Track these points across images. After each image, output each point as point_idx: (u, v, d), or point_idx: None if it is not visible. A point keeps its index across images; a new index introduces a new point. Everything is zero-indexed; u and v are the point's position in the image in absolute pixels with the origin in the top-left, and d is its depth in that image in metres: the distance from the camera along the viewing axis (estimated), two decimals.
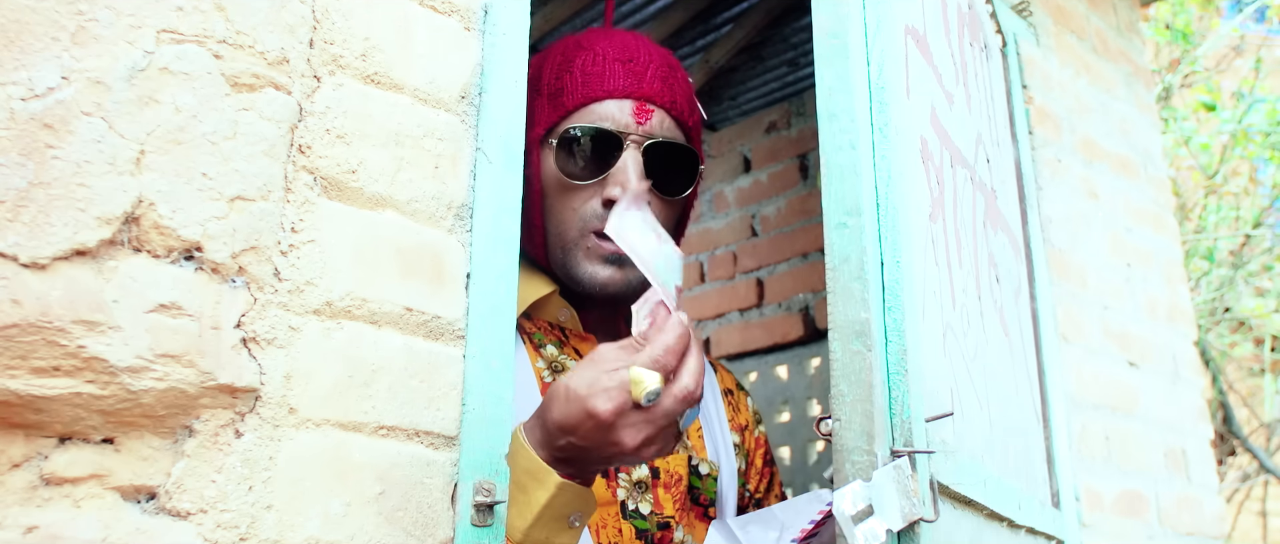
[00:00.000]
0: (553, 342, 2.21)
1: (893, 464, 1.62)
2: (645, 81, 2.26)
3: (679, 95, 2.30)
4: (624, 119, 2.21)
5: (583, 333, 2.28)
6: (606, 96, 2.23)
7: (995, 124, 2.88)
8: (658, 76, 2.28)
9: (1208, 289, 9.02)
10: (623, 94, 2.23)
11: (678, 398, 1.74)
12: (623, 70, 2.26)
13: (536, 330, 2.21)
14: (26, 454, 1.17)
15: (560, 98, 2.23)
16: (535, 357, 2.15)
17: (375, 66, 1.51)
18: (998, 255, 2.59)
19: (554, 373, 2.15)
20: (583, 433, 1.73)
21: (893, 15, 1.93)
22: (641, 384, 1.70)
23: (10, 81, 1.15)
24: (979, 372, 2.17)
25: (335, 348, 1.39)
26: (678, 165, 2.27)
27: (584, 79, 2.24)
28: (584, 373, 1.75)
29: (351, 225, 1.44)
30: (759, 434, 2.53)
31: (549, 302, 2.24)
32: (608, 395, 1.71)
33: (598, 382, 1.72)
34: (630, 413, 1.72)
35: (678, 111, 2.28)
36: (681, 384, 1.75)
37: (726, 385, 2.56)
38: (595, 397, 1.71)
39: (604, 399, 1.71)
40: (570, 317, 2.26)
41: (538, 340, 2.19)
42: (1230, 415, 8.50)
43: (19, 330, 1.12)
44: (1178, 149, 9.60)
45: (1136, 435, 3.64)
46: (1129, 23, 4.60)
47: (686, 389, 1.75)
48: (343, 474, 1.38)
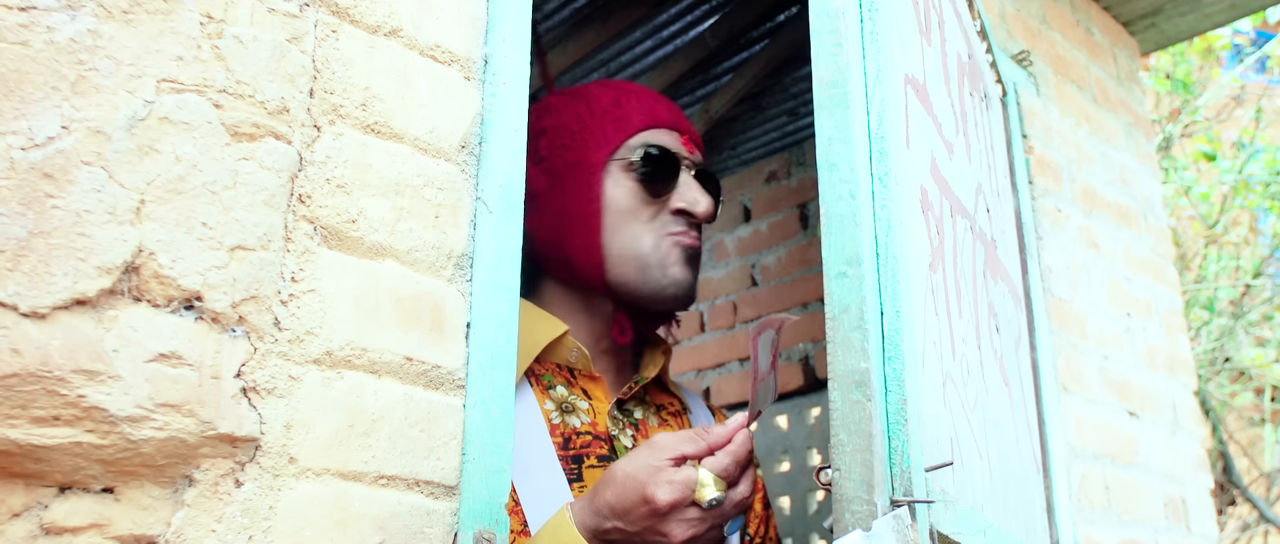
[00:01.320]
0: (562, 382, 2.22)
1: (892, 514, 1.61)
2: (682, 120, 2.41)
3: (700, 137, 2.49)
4: (678, 146, 2.35)
5: (592, 373, 2.29)
6: (660, 125, 2.35)
7: (995, 173, 2.88)
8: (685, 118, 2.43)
9: (1208, 339, 9.01)
10: (670, 125, 2.37)
11: (734, 502, 1.84)
12: (664, 107, 2.40)
13: (545, 372, 2.22)
14: (26, 503, 1.17)
15: (622, 122, 2.32)
16: (543, 398, 2.16)
17: (375, 116, 1.52)
18: (998, 305, 2.59)
19: (563, 413, 2.16)
20: (633, 518, 1.79)
21: (893, 65, 1.93)
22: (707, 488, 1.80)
23: (10, 131, 1.15)
24: (979, 421, 2.16)
25: (335, 397, 1.39)
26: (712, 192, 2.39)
27: (641, 107, 2.36)
28: (641, 459, 1.82)
29: (351, 275, 1.44)
30: (758, 477, 2.52)
31: (560, 343, 2.26)
32: (671, 487, 1.78)
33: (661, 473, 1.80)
34: (687, 509, 1.80)
35: (702, 150, 2.43)
36: (741, 492, 1.85)
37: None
38: (657, 486, 1.78)
39: (666, 490, 1.78)
40: (580, 356, 2.27)
41: (547, 382, 2.20)
42: (1230, 465, 8.47)
43: (19, 380, 1.12)
44: (1178, 199, 9.60)
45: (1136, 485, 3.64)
46: (1129, 72, 4.61)
47: (743, 496, 1.85)
48: (343, 523, 1.37)
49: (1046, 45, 4.04)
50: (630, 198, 2.27)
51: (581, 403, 2.21)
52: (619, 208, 2.27)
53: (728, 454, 1.82)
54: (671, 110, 2.40)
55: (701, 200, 2.30)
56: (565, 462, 2.09)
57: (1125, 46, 4.71)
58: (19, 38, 1.17)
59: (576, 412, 2.17)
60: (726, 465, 1.81)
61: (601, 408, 2.23)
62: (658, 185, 2.28)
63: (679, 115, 2.40)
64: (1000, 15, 3.79)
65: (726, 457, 1.81)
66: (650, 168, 2.28)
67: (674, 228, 2.29)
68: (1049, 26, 4.11)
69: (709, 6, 4.27)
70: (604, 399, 2.26)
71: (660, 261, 2.26)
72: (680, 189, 2.31)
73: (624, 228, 2.27)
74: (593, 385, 2.27)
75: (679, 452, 1.81)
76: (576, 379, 2.26)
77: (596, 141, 2.30)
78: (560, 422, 2.15)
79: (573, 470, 2.09)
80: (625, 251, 2.26)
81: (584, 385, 2.26)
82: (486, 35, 1.71)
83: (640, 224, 2.27)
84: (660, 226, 2.28)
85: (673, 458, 1.80)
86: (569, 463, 2.10)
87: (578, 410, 2.18)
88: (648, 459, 1.81)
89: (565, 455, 2.10)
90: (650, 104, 2.37)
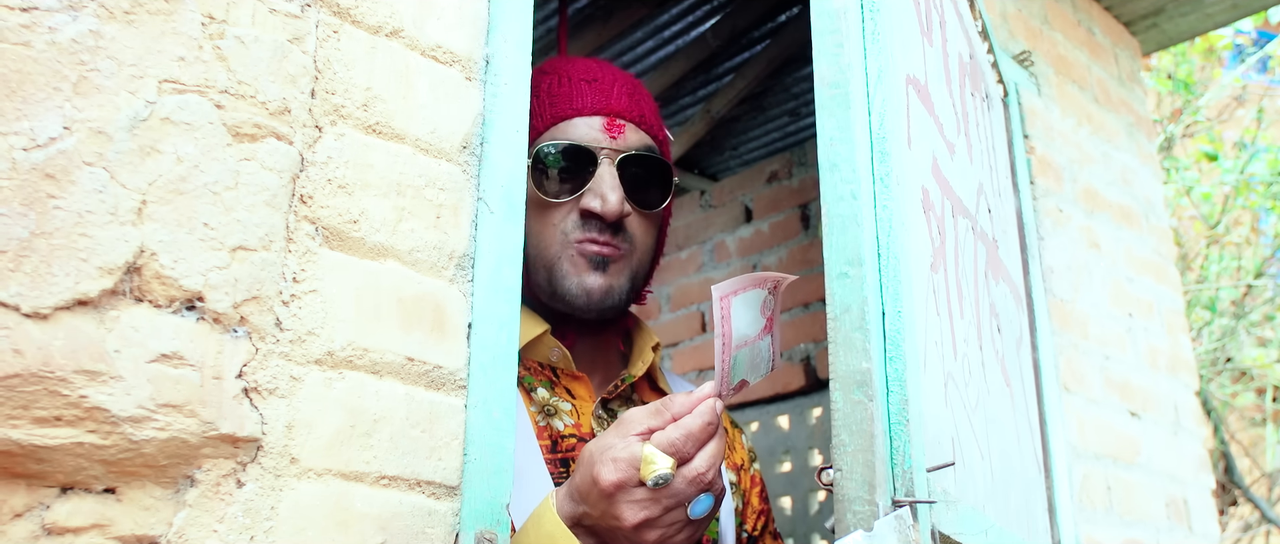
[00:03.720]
0: (543, 383, 2.17)
1: (894, 514, 1.61)
2: (613, 98, 2.27)
3: (646, 110, 2.31)
4: (595, 135, 2.21)
5: (575, 372, 2.23)
6: (575, 114, 2.23)
7: (997, 174, 2.88)
8: (624, 93, 2.29)
9: (1209, 339, 9.01)
10: (591, 111, 2.23)
11: (687, 480, 1.71)
12: (589, 89, 2.26)
13: (526, 373, 2.17)
14: (28, 504, 1.17)
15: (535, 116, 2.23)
16: (527, 402, 2.12)
17: (377, 116, 1.52)
18: (999, 305, 2.59)
19: (547, 417, 2.11)
20: (591, 501, 1.73)
21: (894, 65, 1.93)
22: (652, 465, 1.68)
23: (12, 131, 1.15)
24: (980, 421, 2.16)
25: (337, 398, 1.39)
26: (653, 178, 2.27)
27: (551, 100, 2.25)
28: (605, 437, 1.75)
29: (353, 275, 1.44)
30: (754, 472, 2.50)
31: (540, 342, 2.20)
32: (614, 466, 1.70)
33: (611, 449, 1.71)
34: (634, 489, 1.70)
35: (647, 126, 2.29)
36: (694, 469, 1.72)
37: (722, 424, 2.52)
38: (603, 464, 1.70)
39: (610, 469, 1.70)
40: (562, 355, 2.21)
41: (528, 384, 2.15)
42: (1232, 465, 8.47)
43: (21, 380, 1.12)
44: (1180, 199, 9.61)
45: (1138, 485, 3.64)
46: (1130, 73, 4.61)
47: (697, 471, 1.72)
48: (345, 524, 1.37)
49: (1048, 45, 4.04)
50: (535, 200, 2.17)
51: (564, 404, 2.16)
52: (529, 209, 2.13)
53: (679, 427, 1.71)
54: (601, 91, 2.27)
55: (610, 197, 2.15)
56: (553, 465, 2.05)
57: (1127, 46, 4.71)
58: (21, 38, 1.17)
59: (559, 414, 2.13)
60: (675, 439, 1.70)
61: (585, 408, 2.19)
62: (561, 184, 2.18)
63: (612, 94, 2.28)
64: (1001, 15, 3.79)
65: (676, 430, 1.70)
66: (550, 168, 2.18)
67: (577, 234, 2.17)
68: (1050, 26, 4.11)
69: (710, 7, 4.28)
70: (588, 399, 2.21)
71: (566, 269, 2.17)
72: (591, 186, 2.18)
73: (533, 231, 2.18)
74: (576, 385, 2.22)
75: (644, 426, 1.73)
76: (559, 379, 2.21)
77: None
78: (546, 424, 2.10)
79: (561, 474, 2.05)
80: (534, 257, 2.19)
81: (567, 385, 2.21)
82: (488, 36, 1.71)
83: (547, 227, 2.19)
84: (565, 234, 2.18)
85: (637, 432, 1.72)
86: (557, 466, 2.06)
87: (560, 413, 2.13)
88: (611, 436, 1.74)
89: (553, 459, 2.06)
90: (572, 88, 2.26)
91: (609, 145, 2.21)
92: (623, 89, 2.29)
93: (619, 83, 2.30)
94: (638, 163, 2.24)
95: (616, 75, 2.32)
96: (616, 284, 2.20)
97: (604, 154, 2.20)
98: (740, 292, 1.76)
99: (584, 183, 2.18)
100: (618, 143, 2.22)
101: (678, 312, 5.60)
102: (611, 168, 2.19)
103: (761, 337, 1.85)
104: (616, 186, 2.17)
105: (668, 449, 1.70)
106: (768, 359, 1.88)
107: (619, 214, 2.16)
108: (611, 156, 2.20)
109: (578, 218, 2.18)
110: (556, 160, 2.17)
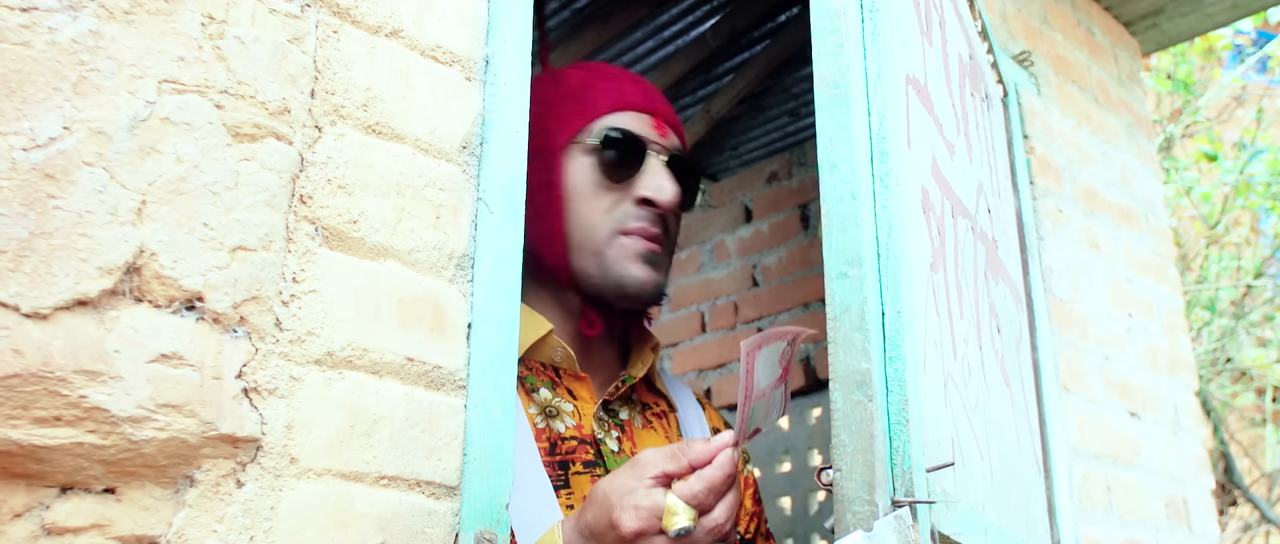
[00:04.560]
0: (546, 383, 2.16)
1: (894, 514, 1.61)
2: (656, 101, 2.33)
3: (677, 121, 2.38)
4: (646, 130, 2.26)
5: (578, 372, 2.23)
6: (629, 108, 2.27)
7: (996, 174, 2.88)
8: (661, 99, 2.35)
9: (1209, 339, 9.01)
10: (642, 108, 2.29)
11: (707, 529, 1.73)
12: (636, 88, 2.32)
13: (528, 374, 2.16)
14: (28, 504, 1.17)
15: (585, 106, 2.26)
16: (527, 403, 2.11)
17: (377, 117, 1.52)
18: (999, 305, 2.59)
19: (547, 418, 2.10)
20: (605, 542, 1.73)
21: (894, 65, 1.93)
22: (675, 517, 1.69)
23: (12, 131, 1.15)
24: (980, 421, 2.16)
25: (336, 398, 1.39)
26: (688, 180, 2.31)
27: (607, 90, 2.29)
28: (622, 479, 1.75)
29: (353, 275, 1.44)
30: (748, 474, 2.50)
31: (544, 342, 2.19)
32: (636, 513, 1.70)
33: (631, 495, 1.72)
34: (654, 537, 1.71)
35: (679, 135, 2.35)
36: (715, 519, 1.73)
37: (714, 424, 2.52)
38: (624, 510, 1.71)
39: (631, 516, 1.70)
40: (565, 355, 2.21)
41: (530, 385, 2.14)
42: (1232, 466, 8.47)
43: (20, 380, 1.12)
44: (1179, 199, 9.61)
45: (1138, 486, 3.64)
46: (1130, 73, 4.61)
47: (717, 522, 1.73)
48: (344, 524, 1.37)
49: (1047, 46, 4.05)
50: (589, 183, 2.21)
51: (566, 405, 2.15)
52: (578, 193, 2.22)
53: (701, 478, 1.71)
54: (646, 92, 2.33)
55: (666, 188, 2.21)
56: (551, 468, 2.04)
57: (1126, 47, 4.72)
58: (21, 38, 1.17)
59: (561, 415, 2.12)
60: (697, 491, 1.70)
61: (587, 409, 2.18)
62: (619, 170, 2.22)
63: (654, 97, 2.34)
64: (1001, 15, 3.79)
65: (699, 481, 1.71)
66: (610, 151, 2.21)
67: (633, 222, 2.21)
68: (1050, 27, 4.11)
69: (710, 7, 4.27)
70: (589, 400, 2.20)
71: (617, 257, 2.19)
72: (645, 175, 2.23)
73: (582, 214, 2.21)
74: (578, 385, 2.21)
75: (660, 470, 1.73)
76: (562, 379, 2.20)
77: (559, 125, 2.26)
78: (545, 426, 2.10)
79: (559, 477, 2.04)
80: (583, 241, 2.20)
81: (570, 385, 2.20)
82: (488, 36, 1.71)
83: (599, 212, 2.21)
84: (620, 217, 2.21)
85: (654, 476, 1.73)
86: (555, 469, 2.05)
87: (562, 414, 2.13)
88: (627, 478, 1.74)
89: (551, 461, 2.05)
90: (620, 84, 2.31)
91: (658, 142, 2.27)
92: (659, 96, 2.36)
93: (656, 90, 2.37)
94: (678, 164, 2.28)
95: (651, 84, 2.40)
96: (661, 279, 2.26)
97: (652, 149, 2.25)
98: (764, 345, 1.77)
99: (634, 172, 2.23)
100: (664, 142, 2.28)
101: (677, 312, 5.60)
102: (661, 163, 2.25)
103: (776, 386, 1.86)
104: (671, 179, 2.23)
105: (690, 500, 1.71)
106: (779, 405, 1.89)
107: (675, 205, 2.23)
108: (659, 153, 2.26)
109: (631, 206, 2.22)
110: (617, 146, 2.22)
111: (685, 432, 2.40)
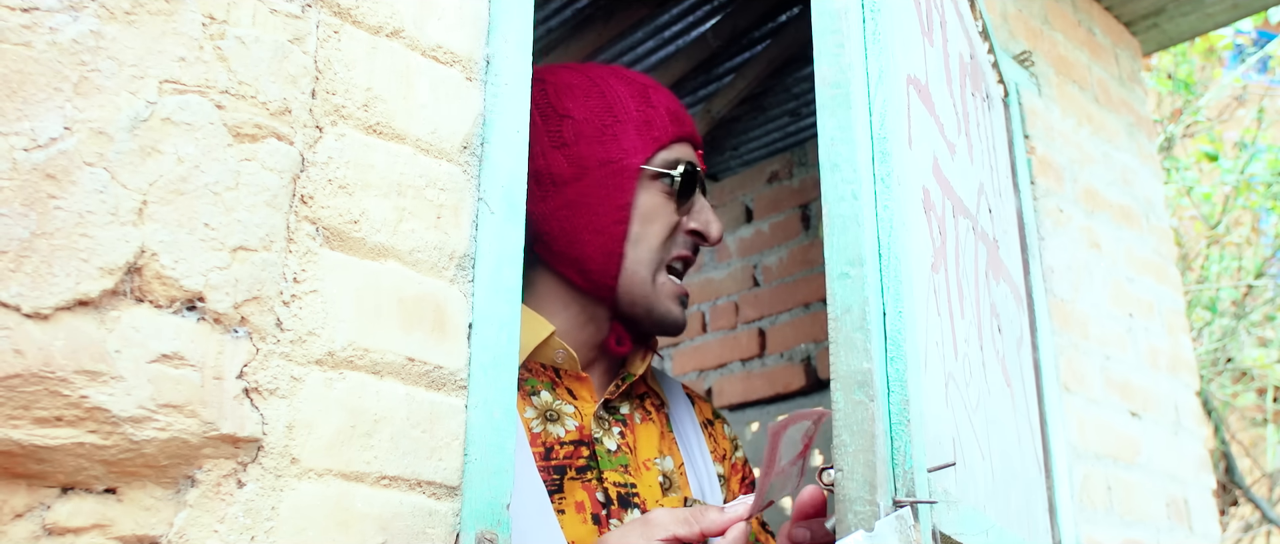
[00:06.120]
0: (546, 385, 2.17)
1: (895, 514, 1.61)
2: (693, 127, 2.37)
3: None
4: (695, 161, 2.32)
5: (579, 373, 2.23)
6: (685, 137, 2.32)
7: (997, 174, 2.88)
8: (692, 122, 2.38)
9: (1210, 339, 9.01)
10: (691, 137, 2.35)
11: None
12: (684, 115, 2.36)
13: (528, 376, 2.17)
14: (29, 504, 1.17)
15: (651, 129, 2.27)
16: (525, 407, 2.11)
17: (377, 117, 1.52)
18: (1000, 305, 2.59)
19: (546, 422, 2.11)
20: None
21: (895, 65, 1.93)
22: None
23: (13, 131, 1.15)
24: (981, 421, 2.16)
25: (337, 398, 1.39)
26: None
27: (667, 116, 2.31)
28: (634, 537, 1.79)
29: (353, 275, 1.44)
30: (736, 459, 2.52)
31: (547, 343, 2.20)
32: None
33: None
34: None
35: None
36: None
37: (705, 416, 2.54)
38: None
39: None
40: (567, 357, 2.21)
41: (530, 387, 2.14)
42: (1232, 465, 8.47)
43: (21, 381, 1.12)
44: (1180, 199, 9.61)
45: (1139, 485, 3.64)
46: (1131, 73, 4.61)
47: None
48: (345, 524, 1.37)
49: (1048, 45, 4.04)
50: (658, 211, 2.24)
51: (567, 407, 2.16)
52: (645, 219, 2.23)
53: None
54: (689, 120, 2.36)
55: (714, 224, 2.29)
56: (546, 473, 2.05)
57: (1127, 47, 4.71)
58: (21, 39, 1.17)
59: (561, 418, 2.13)
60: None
61: (587, 409, 2.19)
62: (685, 203, 2.27)
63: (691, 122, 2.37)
64: (1002, 15, 3.79)
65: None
66: (683, 184, 2.25)
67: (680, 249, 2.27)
68: (1051, 27, 4.11)
69: (711, 7, 4.28)
70: (590, 400, 2.21)
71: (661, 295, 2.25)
72: (696, 209, 2.30)
73: (645, 238, 2.23)
74: (579, 386, 2.22)
75: (671, 533, 1.78)
76: (562, 380, 2.21)
77: (631, 144, 2.24)
78: (541, 430, 2.10)
79: (553, 481, 2.05)
80: (637, 267, 2.22)
81: (570, 385, 2.21)
82: (488, 36, 1.71)
83: (659, 240, 2.24)
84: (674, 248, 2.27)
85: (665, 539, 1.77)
86: (550, 474, 2.05)
87: (563, 417, 2.13)
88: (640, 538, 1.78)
89: (546, 466, 2.06)
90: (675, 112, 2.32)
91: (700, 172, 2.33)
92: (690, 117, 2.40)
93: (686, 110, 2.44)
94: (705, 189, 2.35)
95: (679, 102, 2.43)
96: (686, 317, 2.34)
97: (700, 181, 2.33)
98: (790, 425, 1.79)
99: (686, 202, 2.29)
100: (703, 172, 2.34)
101: None
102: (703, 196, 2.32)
103: (795, 462, 1.87)
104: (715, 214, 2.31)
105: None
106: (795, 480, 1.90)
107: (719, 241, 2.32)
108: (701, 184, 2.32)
109: (681, 235, 2.29)
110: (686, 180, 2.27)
111: (675, 426, 2.42)
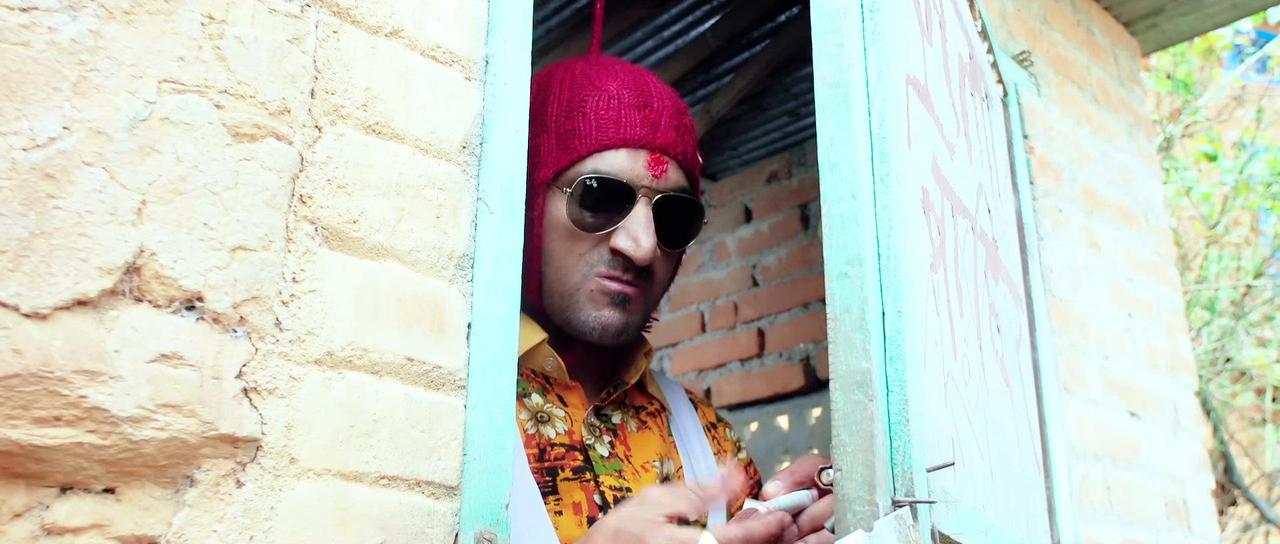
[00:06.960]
0: (537, 389, 2.15)
1: (894, 514, 1.61)
2: (660, 131, 2.20)
3: (689, 145, 2.26)
4: (638, 170, 2.15)
5: (567, 381, 2.20)
6: (622, 145, 2.16)
7: (996, 174, 2.88)
8: (671, 126, 2.22)
9: (1209, 339, 9.01)
10: (639, 143, 2.17)
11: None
12: (638, 118, 2.19)
13: (520, 379, 2.13)
14: (28, 504, 1.17)
15: (571, 140, 2.16)
16: (518, 408, 2.09)
17: (376, 117, 1.52)
18: (999, 305, 2.59)
19: (538, 423, 2.09)
20: None
21: (894, 65, 1.93)
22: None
23: (12, 131, 1.15)
24: (980, 421, 2.16)
25: (336, 398, 1.39)
26: (684, 218, 2.23)
27: (598, 124, 2.16)
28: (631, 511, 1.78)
29: (352, 275, 1.44)
30: (739, 461, 2.49)
31: (537, 350, 2.17)
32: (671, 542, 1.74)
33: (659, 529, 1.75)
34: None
35: (688, 163, 2.25)
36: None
37: (708, 420, 2.52)
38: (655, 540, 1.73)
39: None
40: (556, 366, 2.18)
41: (522, 390, 2.12)
42: (1231, 465, 8.47)
43: (20, 380, 1.12)
44: (1179, 199, 9.61)
45: (1137, 485, 3.64)
46: (1130, 73, 4.61)
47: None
48: (344, 524, 1.37)
49: (1047, 45, 4.05)
50: (565, 228, 2.14)
51: (557, 411, 2.14)
52: (556, 234, 2.15)
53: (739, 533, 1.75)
54: (648, 124, 2.19)
55: (644, 240, 2.12)
56: (540, 475, 2.03)
57: (1126, 47, 4.72)
58: (20, 38, 1.17)
59: (552, 421, 2.11)
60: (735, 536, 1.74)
61: (577, 415, 2.17)
62: (596, 218, 2.14)
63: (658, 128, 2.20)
64: (1001, 15, 3.79)
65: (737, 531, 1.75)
66: (588, 200, 2.13)
67: (602, 269, 2.14)
68: (1050, 27, 4.11)
69: (710, 7, 4.28)
70: (580, 407, 2.19)
71: (585, 301, 2.15)
72: (626, 224, 2.14)
73: (555, 256, 2.16)
74: (568, 393, 2.20)
75: (672, 509, 1.77)
76: (552, 386, 2.19)
77: (547, 157, 2.17)
78: (535, 432, 2.08)
79: (547, 483, 2.03)
80: (553, 283, 2.17)
81: (560, 392, 2.19)
82: (487, 36, 1.71)
83: (573, 256, 2.15)
84: (590, 266, 2.15)
85: (667, 515, 1.76)
86: (543, 475, 2.04)
87: (553, 419, 2.11)
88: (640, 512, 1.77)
89: (540, 468, 2.04)
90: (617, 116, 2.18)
91: (650, 184, 2.16)
92: (670, 120, 2.23)
93: (667, 111, 2.24)
94: (674, 203, 2.20)
95: (665, 100, 2.26)
96: (632, 321, 2.19)
97: (643, 193, 2.15)
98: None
99: (617, 218, 2.14)
100: (659, 182, 2.18)
101: (677, 312, 5.60)
102: (648, 208, 2.15)
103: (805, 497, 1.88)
104: (650, 230, 2.13)
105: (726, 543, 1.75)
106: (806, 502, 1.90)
107: (649, 260, 2.13)
108: (649, 196, 2.16)
109: (606, 253, 2.15)
110: (596, 194, 2.13)
111: (677, 431, 2.40)
